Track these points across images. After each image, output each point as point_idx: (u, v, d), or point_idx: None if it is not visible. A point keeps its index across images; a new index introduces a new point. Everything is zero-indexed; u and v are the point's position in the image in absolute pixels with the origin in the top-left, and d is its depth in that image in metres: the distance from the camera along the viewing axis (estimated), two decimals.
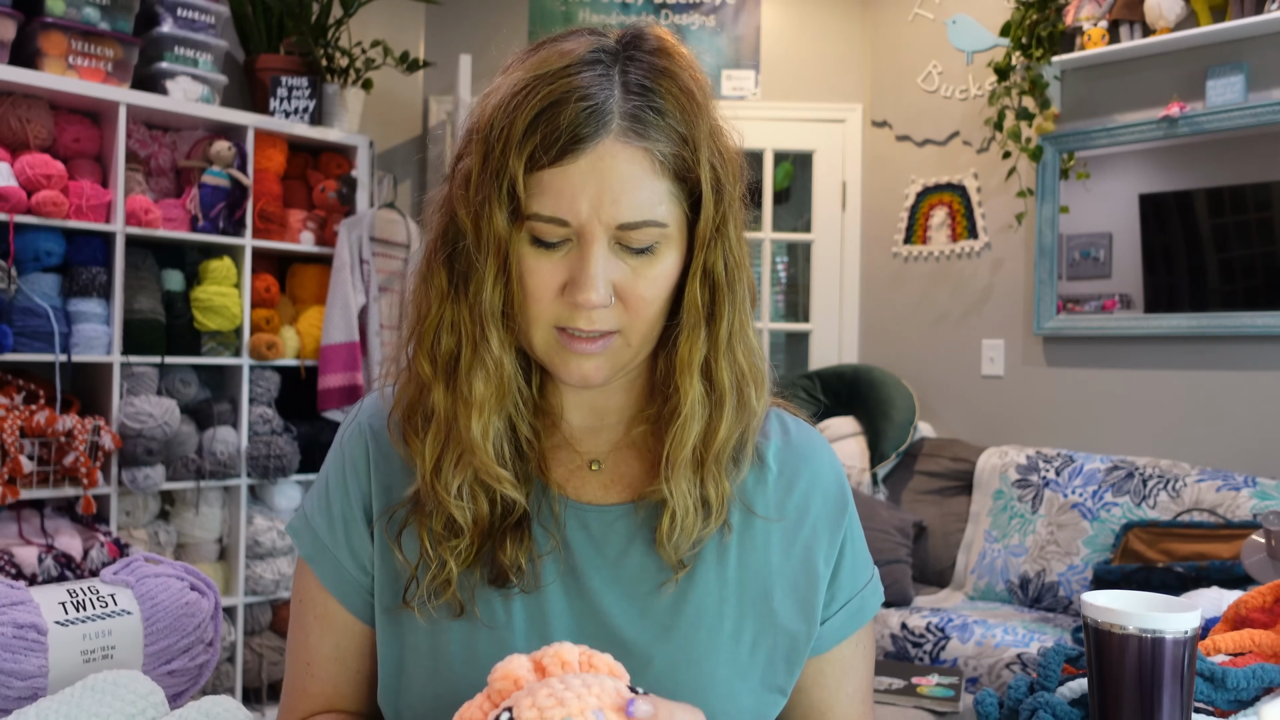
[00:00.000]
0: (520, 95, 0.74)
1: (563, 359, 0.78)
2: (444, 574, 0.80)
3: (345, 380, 3.19)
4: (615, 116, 0.73)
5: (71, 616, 0.77)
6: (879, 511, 3.19)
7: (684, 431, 0.80)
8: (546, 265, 0.76)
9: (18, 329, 2.65)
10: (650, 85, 0.75)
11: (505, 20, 3.93)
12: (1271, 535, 1.77)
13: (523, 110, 0.73)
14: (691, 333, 0.79)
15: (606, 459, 0.87)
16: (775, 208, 4.00)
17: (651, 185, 0.74)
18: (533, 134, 0.73)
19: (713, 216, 0.77)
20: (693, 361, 0.79)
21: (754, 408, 0.83)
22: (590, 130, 0.73)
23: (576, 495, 0.85)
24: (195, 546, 3.08)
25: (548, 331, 0.77)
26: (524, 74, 0.75)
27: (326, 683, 0.86)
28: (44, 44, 2.76)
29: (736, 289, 0.80)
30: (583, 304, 0.74)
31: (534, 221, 0.74)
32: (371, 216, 3.31)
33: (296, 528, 0.89)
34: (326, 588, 0.85)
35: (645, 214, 0.74)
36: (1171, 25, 3.07)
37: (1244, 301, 3.04)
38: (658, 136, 0.75)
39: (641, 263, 0.76)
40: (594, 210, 0.73)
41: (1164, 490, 2.89)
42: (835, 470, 0.90)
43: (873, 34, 3.95)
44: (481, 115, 0.77)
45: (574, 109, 0.73)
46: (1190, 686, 0.74)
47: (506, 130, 0.74)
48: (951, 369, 3.71)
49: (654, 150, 0.74)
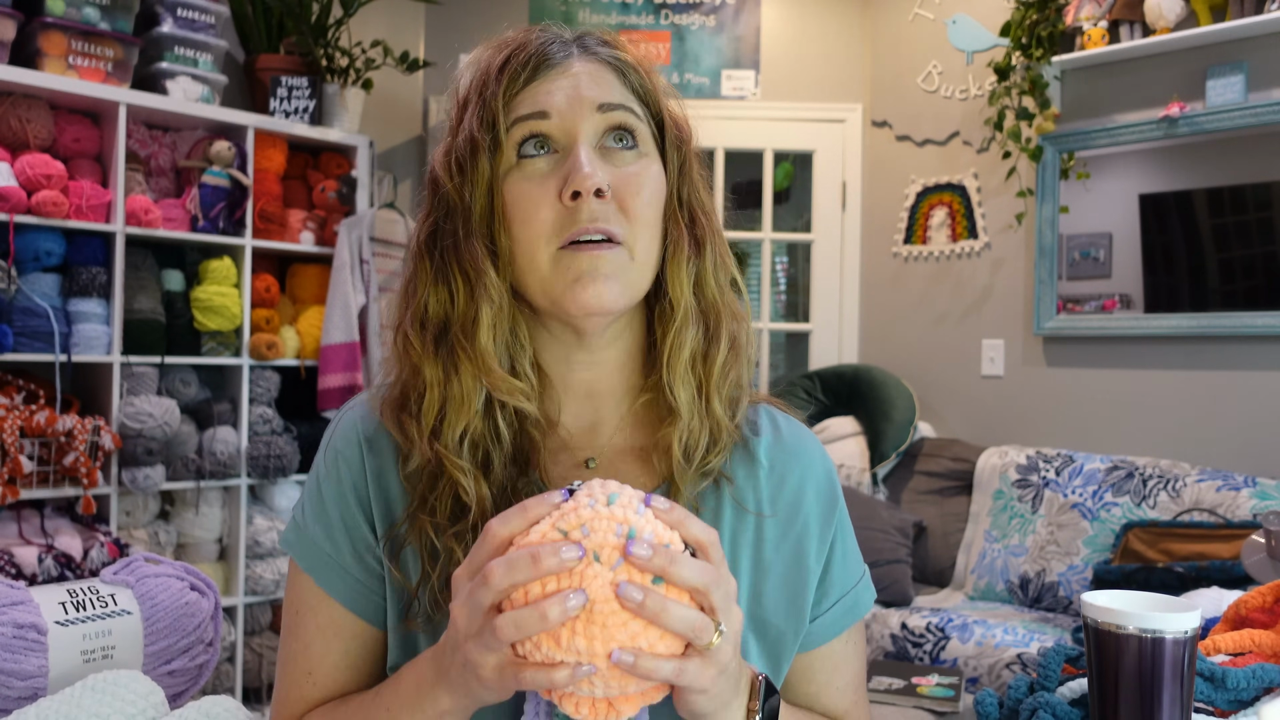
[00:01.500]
0: (489, 52, 0.83)
1: (574, 277, 0.78)
2: (451, 565, 0.79)
3: (345, 380, 3.19)
4: (574, 47, 0.82)
5: (71, 616, 0.77)
6: (879, 511, 3.18)
7: (680, 336, 0.82)
8: (536, 181, 0.79)
9: (18, 329, 2.65)
10: (606, 40, 0.85)
11: (505, 20, 3.88)
12: (1271, 535, 1.77)
13: (495, 59, 0.81)
14: (678, 248, 0.82)
15: (602, 458, 0.87)
16: (775, 208, 4.00)
17: (620, 88, 0.82)
18: (507, 68, 0.80)
19: (677, 148, 0.84)
20: (681, 275, 0.82)
21: (744, 349, 0.86)
22: (559, 52, 0.81)
23: None
24: (195, 546, 3.08)
25: (552, 250, 0.78)
26: (483, 50, 0.84)
27: (331, 690, 0.84)
28: (44, 44, 2.76)
29: (716, 238, 0.85)
30: (580, 186, 0.76)
31: (516, 129, 0.79)
32: (371, 216, 3.31)
33: (291, 540, 0.86)
34: (332, 596, 0.83)
35: (620, 99, 0.81)
36: (1171, 25, 3.07)
37: (1244, 301, 3.04)
38: (620, 56, 0.83)
39: (628, 160, 0.81)
40: (572, 99, 0.79)
41: (1164, 490, 2.89)
42: (827, 467, 0.91)
43: (873, 34, 3.95)
44: (456, 91, 0.85)
45: (540, 43, 0.81)
46: (1190, 686, 0.74)
47: (481, 78, 0.81)
48: (951, 369, 3.71)
49: (617, 63, 0.83)
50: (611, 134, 0.80)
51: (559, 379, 0.86)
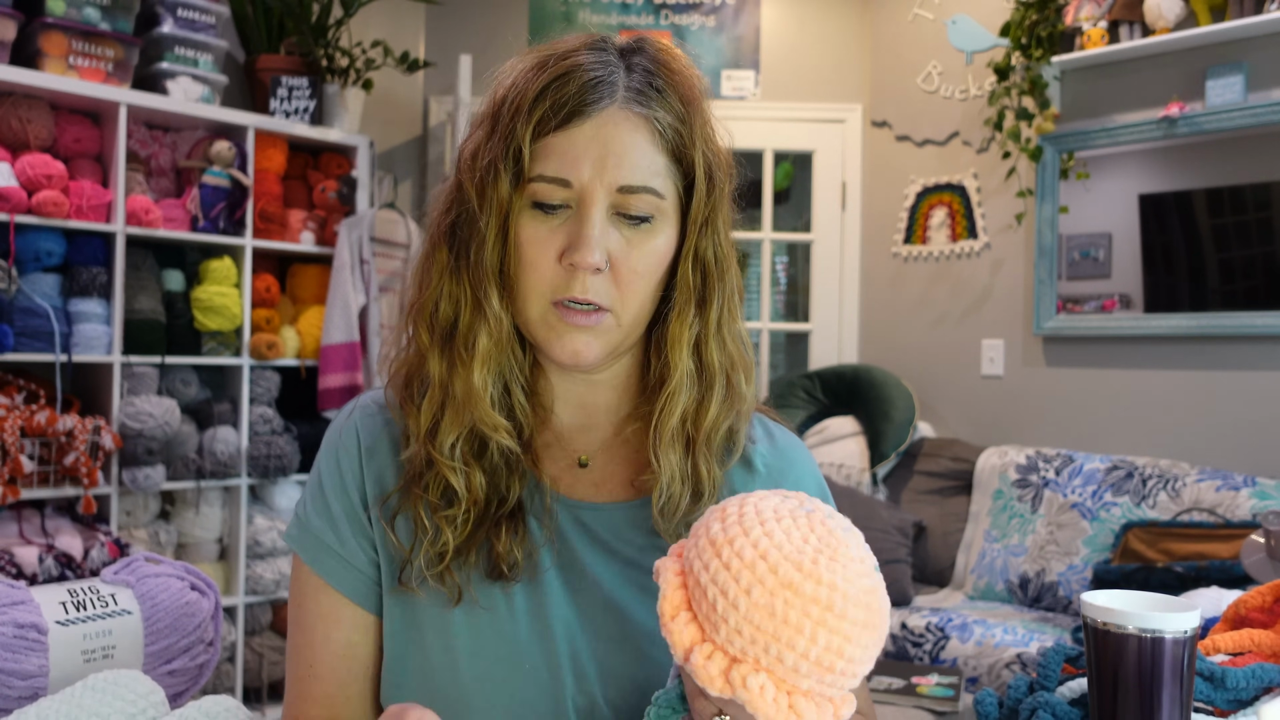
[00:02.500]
0: (530, 71, 0.79)
1: (556, 334, 0.79)
2: (440, 542, 0.81)
3: (345, 380, 3.19)
4: (620, 88, 0.78)
5: (72, 616, 0.77)
6: (879, 511, 3.19)
7: (672, 401, 0.82)
8: (544, 232, 0.78)
9: (18, 329, 2.65)
10: (652, 70, 0.80)
11: (505, 20, 3.93)
12: (1271, 535, 1.77)
13: (533, 83, 0.78)
14: (683, 309, 0.82)
15: (595, 457, 0.88)
16: (775, 208, 4.00)
17: (651, 155, 0.78)
18: (541, 101, 0.77)
19: (705, 200, 0.81)
20: (682, 337, 0.82)
21: (743, 394, 0.86)
22: (596, 97, 0.77)
23: (569, 493, 0.87)
24: (195, 546, 3.08)
25: (543, 305, 0.79)
26: (534, 55, 0.80)
27: (330, 683, 0.85)
28: (44, 44, 2.76)
29: (726, 279, 0.84)
30: (579, 264, 0.76)
31: (537, 184, 0.77)
32: (371, 216, 3.31)
33: (294, 535, 0.88)
34: (334, 586, 0.85)
35: (644, 180, 0.78)
36: (1171, 25, 3.07)
37: (1244, 301, 3.04)
38: (659, 109, 0.79)
39: (637, 235, 0.79)
40: (596, 172, 0.77)
41: (1164, 490, 2.89)
42: (816, 473, 0.94)
43: (873, 34, 3.95)
44: (494, 95, 0.82)
45: (581, 78, 0.77)
46: (1190, 686, 0.74)
47: (517, 100, 0.78)
48: (951, 369, 3.71)
49: (655, 120, 0.78)
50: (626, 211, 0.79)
51: (556, 383, 0.88)
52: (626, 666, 0.82)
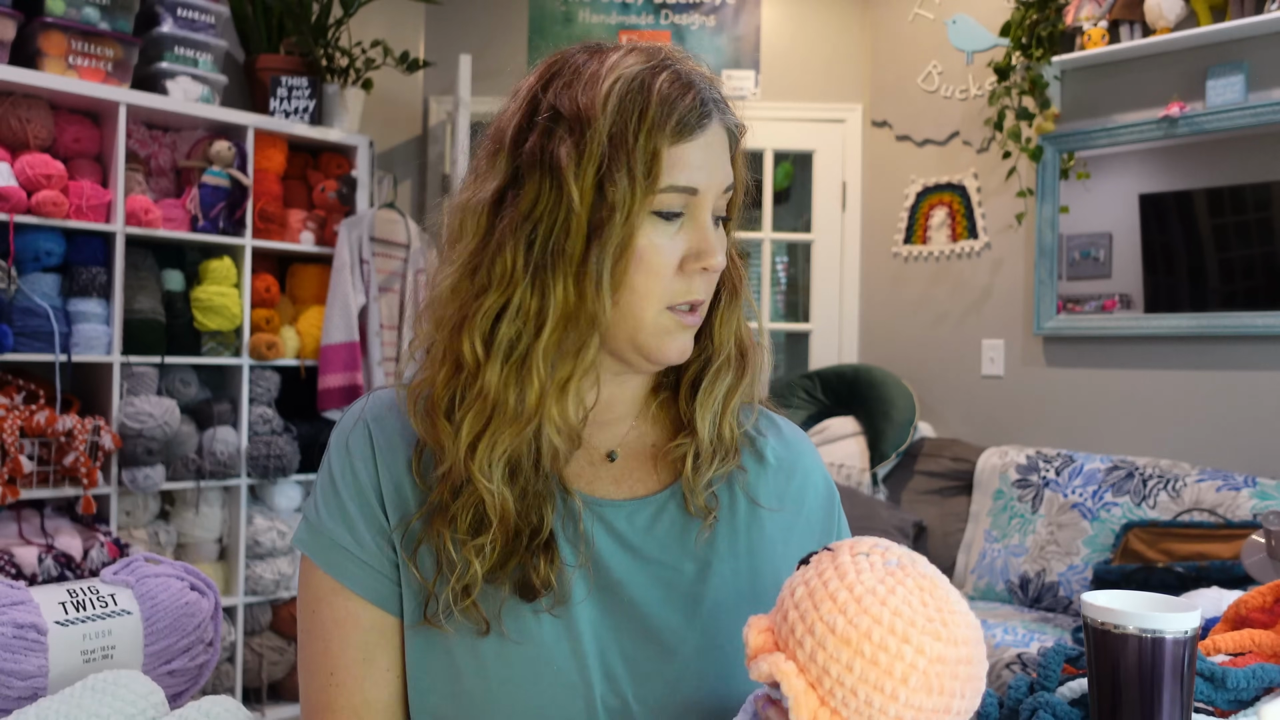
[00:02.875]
0: (643, 77, 0.78)
1: (672, 337, 0.82)
2: (468, 575, 0.78)
3: (345, 380, 3.19)
4: (714, 105, 0.83)
5: (71, 616, 0.77)
6: (879, 511, 3.19)
7: (718, 377, 0.88)
8: (666, 239, 0.80)
9: (18, 329, 2.65)
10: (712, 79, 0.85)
11: (505, 20, 3.93)
12: (1271, 535, 1.77)
13: (654, 91, 0.78)
14: (732, 298, 0.88)
15: (620, 454, 0.90)
16: (775, 208, 4.00)
17: (728, 161, 0.85)
18: (670, 112, 0.78)
19: (741, 198, 0.88)
20: (732, 322, 0.88)
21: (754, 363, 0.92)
22: (709, 109, 0.81)
23: (590, 490, 0.87)
24: (195, 546, 3.08)
25: (659, 311, 0.81)
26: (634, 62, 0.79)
27: (354, 692, 0.82)
28: (44, 44, 2.76)
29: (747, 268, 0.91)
30: (713, 268, 0.81)
31: (666, 194, 0.79)
32: (371, 216, 3.31)
33: (305, 538, 0.85)
34: (351, 589, 0.82)
35: (731, 178, 0.84)
36: (1171, 25, 3.07)
37: (1244, 301, 3.04)
38: (730, 132, 0.85)
39: (720, 234, 0.85)
40: (713, 178, 0.81)
41: (1164, 490, 2.89)
42: (821, 467, 0.97)
43: (873, 34, 3.95)
44: (593, 99, 0.77)
45: (698, 89, 0.80)
46: (1190, 686, 0.74)
47: (641, 109, 0.77)
48: (951, 369, 3.71)
49: (733, 130, 0.85)
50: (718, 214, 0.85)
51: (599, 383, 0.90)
52: (655, 665, 0.82)
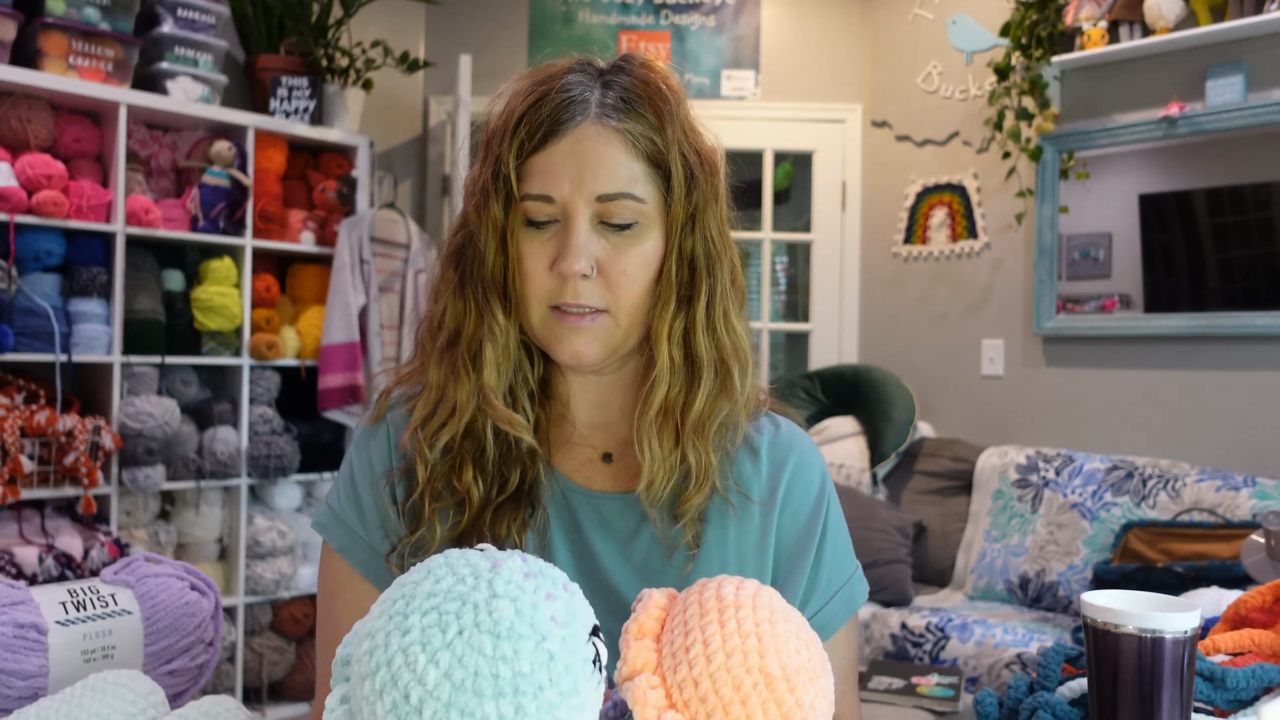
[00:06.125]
0: (514, 99, 0.87)
1: (557, 337, 0.85)
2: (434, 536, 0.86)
3: (345, 380, 3.19)
4: (592, 105, 0.84)
5: (72, 616, 0.77)
6: (879, 511, 3.19)
7: (653, 392, 0.86)
8: (537, 244, 0.85)
9: (18, 329, 2.65)
10: (625, 84, 0.86)
11: (505, 20, 3.93)
12: (1271, 535, 1.77)
13: (515, 110, 0.85)
14: (664, 305, 0.86)
15: (617, 452, 0.93)
16: (775, 208, 3.99)
17: (628, 164, 0.83)
18: (521, 125, 0.84)
19: (684, 200, 0.85)
20: (662, 330, 0.86)
21: (737, 388, 0.89)
22: (569, 115, 0.83)
23: (588, 484, 0.91)
24: (195, 546, 3.08)
25: (543, 310, 0.85)
26: (523, 81, 0.87)
27: None
28: (44, 44, 2.76)
29: (717, 274, 0.87)
30: (565, 271, 0.82)
31: (525, 203, 0.84)
32: (372, 216, 3.31)
33: (324, 523, 0.92)
34: (362, 573, 0.89)
35: (622, 187, 0.83)
36: (1171, 25, 3.07)
37: (1244, 301, 3.04)
38: (631, 121, 0.84)
39: (623, 240, 0.84)
40: (575, 186, 0.82)
41: (1164, 490, 2.89)
42: (819, 465, 0.97)
43: (873, 34, 3.95)
44: (488, 124, 0.89)
45: (555, 99, 0.84)
46: (1190, 686, 0.74)
47: (500, 129, 0.86)
48: (951, 369, 3.71)
49: (627, 132, 0.84)
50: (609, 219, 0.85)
51: (573, 384, 0.93)
52: None
